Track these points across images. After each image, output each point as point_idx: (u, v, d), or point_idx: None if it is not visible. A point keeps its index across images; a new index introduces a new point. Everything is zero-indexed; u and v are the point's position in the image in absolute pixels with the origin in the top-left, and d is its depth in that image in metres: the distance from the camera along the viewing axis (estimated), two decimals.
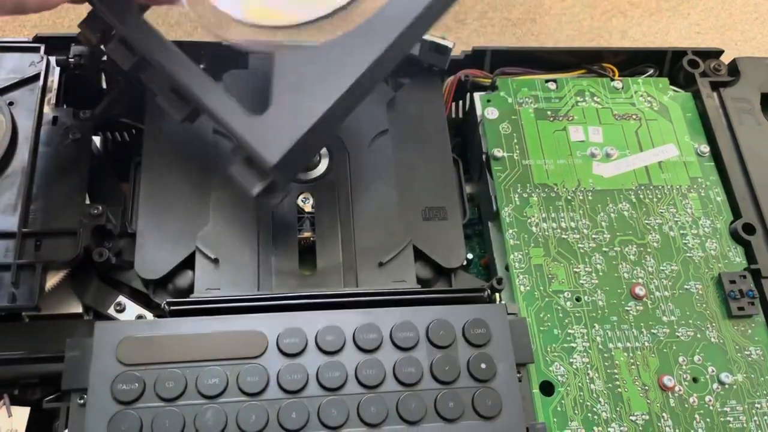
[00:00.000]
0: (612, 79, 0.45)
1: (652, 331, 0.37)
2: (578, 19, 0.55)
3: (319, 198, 0.38)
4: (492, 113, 0.42)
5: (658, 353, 0.36)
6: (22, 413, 0.32)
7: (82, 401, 0.30)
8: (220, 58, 0.41)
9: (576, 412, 0.34)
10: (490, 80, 0.43)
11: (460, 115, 0.45)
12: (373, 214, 0.37)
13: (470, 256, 0.41)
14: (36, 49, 0.39)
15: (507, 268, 0.38)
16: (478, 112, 0.42)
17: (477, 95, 0.43)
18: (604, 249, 0.39)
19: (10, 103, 0.37)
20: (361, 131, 0.40)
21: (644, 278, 0.38)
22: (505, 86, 0.43)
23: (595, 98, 0.44)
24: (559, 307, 0.37)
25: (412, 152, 0.40)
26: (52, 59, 0.39)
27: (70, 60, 0.39)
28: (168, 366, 0.30)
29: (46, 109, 0.38)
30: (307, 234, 0.37)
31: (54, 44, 0.39)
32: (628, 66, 0.46)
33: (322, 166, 0.38)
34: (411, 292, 0.34)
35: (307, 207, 0.37)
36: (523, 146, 0.41)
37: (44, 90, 0.38)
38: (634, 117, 0.43)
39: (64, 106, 0.38)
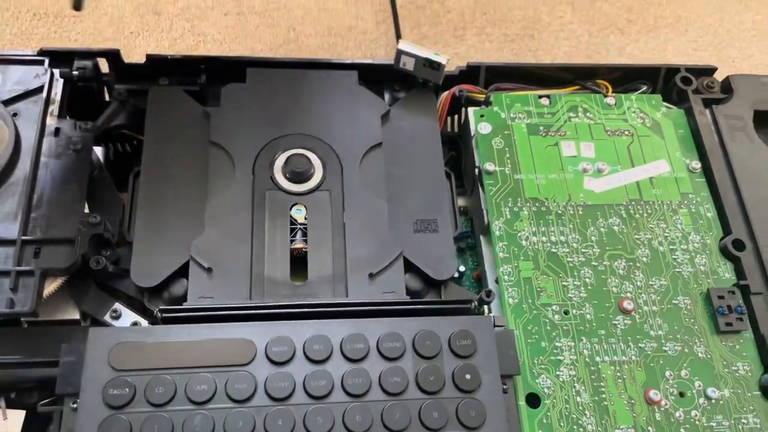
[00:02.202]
0: (605, 96, 0.45)
1: (640, 345, 0.37)
2: (576, 35, 0.56)
3: (312, 209, 0.38)
4: (485, 128, 0.43)
5: (645, 367, 0.36)
6: (17, 416, 0.33)
7: (75, 405, 0.30)
8: (219, 72, 0.42)
9: (562, 424, 0.35)
10: (484, 95, 0.44)
11: (455, 130, 0.46)
12: (364, 225, 0.38)
13: (462, 268, 0.41)
14: (41, 62, 0.40)
15: (497, 280, 0.39)
16: (472, 126, 0.43)
17: (471, 110, 0.44)
18: (593, 263, 0.39)
19: (14, 114, 0.38)
20: (355, 144, 0.41)
21: (633, 292, 0.38)
22: (499, 101, 0.44)
23: (587, 114, 0.44)
24: (547, 320, 0.37)
25: (405, 165, 0.41)
26: (56, 72, 0.40)
27: (73, 73, 0.40)
28: (158, 372, 0.31)
29: (49, 120, 0.39)
30: (299, 245, 0.37)
31: (58, 57, 0.40)
32: (622, 82, 0.47)
33: (316, 177, 0.39)
34: (399, 303, 0.35)
35: (300, 218, 0.38)
36: (515, 161, 0.42)
37: (47, 101, 0.39)
38: (626, 133, 0.44)
39: (67, 118, 0.39)
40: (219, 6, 0.54)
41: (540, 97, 0.44)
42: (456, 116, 0.45)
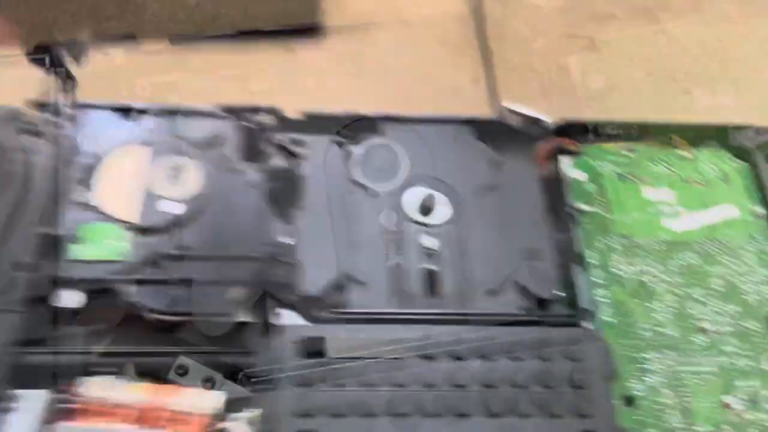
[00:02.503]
0: (680, 149, 0.53)
1: (716, 359, 0.44)
2: (648, 96, 0.64)
3: (440, 238, 0.47)
4: (579, 174, 0.51)
5: (721, 377, 0.43)
6: (220, 397, 0.41)
7: (268, 386, 0.39)
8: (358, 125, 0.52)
9: (652, 421, 0.42)
10: (577, 146, 0.52)
11: (552, 175, 0.54)
12: (483, 252, 0.47)
13: (561, 294, 0.49)
14: (223, 117, 0.50)
15: (593, 303, 0.46)
16: (567, 173, 0.51)
17: (566, 159, 0.52)
18: (675, 290, 0.47)
19: (204, 159, 0.48)
20: (472, 186, 0.49)
21: (709, 316, 0.46)
22: (590, 152, 0.52)
23: (665, 164, 0.52)
24: (637, 336, 0.45)
25: (512, 204, 0.49)
26: (234, 124, 0.50)
27: (246, 125, 0.50)
28: (335, 360, 0.39)
29: (230, 164, 0.48)
30: (431, 266, 0.46)
31: (235, 112, 0.50)
32: (693, 138, 0.54)
33: (442, 212, 0.48)
34: (518, 315, 0.43)
35: (431, 245, 0.47)
36: (606, 202, 0.50)
37: (229, 148, 0.49)
38: (699, 182, 0.52)
39: (242, 161, 0.49)
40: (341, 68, 0.64)
41: (624, 149, 0.53)
42: (553, 164, 0.53)
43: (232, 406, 0.41)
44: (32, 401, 0.39)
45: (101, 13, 0.62)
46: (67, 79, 0.50)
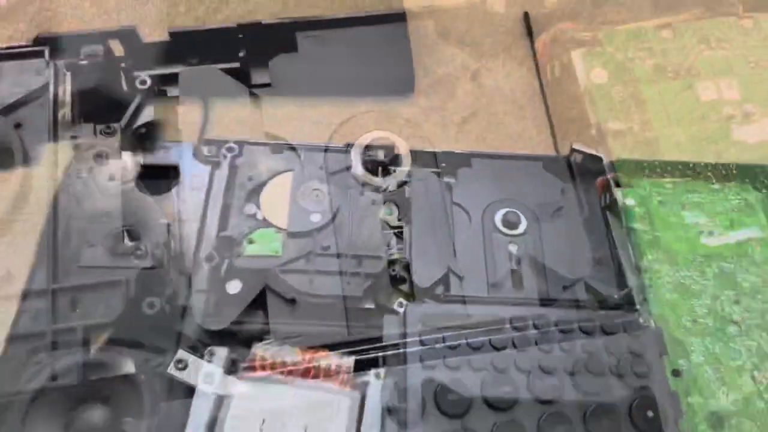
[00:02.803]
0: (713, 183, 0.66)
1: (746, 344, 0.55)
2: (683, 144, 0.77)
3: (522, 246, 0.60)
4: (631, 201, 0.64)
5: (749, 360, 0.54)
6: (349, 360, 0.53)
7: (396, 350, 0.51)
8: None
9: (694, 390, 0.53)
10: (629, 179, 0.65)
11: (609, 201, 0.66)
12: (557, 258, 0.59)
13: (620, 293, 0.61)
14: (349, 152, 0.64)
15: (645, 299, 0.58)
16: (620, 200, 0.64)
17: (620, 190, 0.65)
18: (710, 291, 0.58)
19: (333, 184, 0.62)
20: (546, 206, 0.62)
21: (739, 312, 0.57)
22: (639, 184, 0.65)
23: (701, 195, 0.65)
24: (682, 325, 0.56)
25: (580, 222, 0.62)
26: (359, 156, 0.64)
27: (366, 158, 0.64)
28: (450, 329, 0.51)
29: (352, 191, 0.62)
30: (515, 267, 0.58)
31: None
32: (724, 173, 0.67)
33: (523, 226, 0.61)
34: (588, 301, 0.55)
35: (514, 251, 0.59)
36: (653, 223, 0.62)
37: (354, 178, 0.63)
38: (730, 210, 0.64)
39: (365, 185, 0.63)
40: (429, 118, 0.78)
41: (669, 183, 0.65)
42: (608, 194, 0.66)
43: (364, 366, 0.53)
44: (218, 356, 0.52)
45: None
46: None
